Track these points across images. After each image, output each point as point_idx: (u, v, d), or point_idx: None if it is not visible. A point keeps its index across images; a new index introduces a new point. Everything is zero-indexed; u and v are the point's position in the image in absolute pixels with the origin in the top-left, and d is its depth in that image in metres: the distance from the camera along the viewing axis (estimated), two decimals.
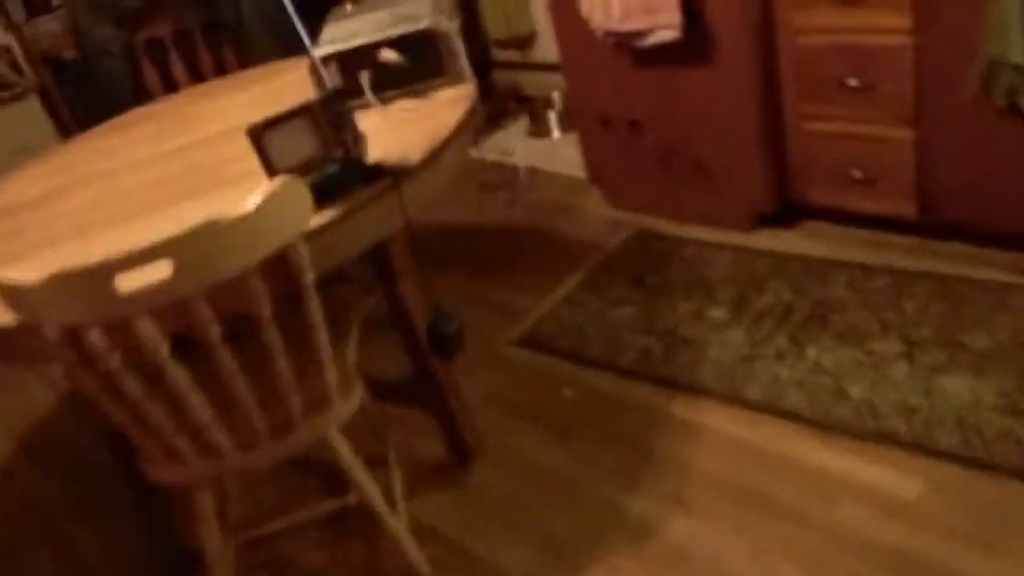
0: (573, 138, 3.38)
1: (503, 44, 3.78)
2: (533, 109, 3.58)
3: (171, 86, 2.62)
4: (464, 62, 1.78)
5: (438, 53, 1.77)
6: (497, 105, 3.76)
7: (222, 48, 2.59)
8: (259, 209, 1.28)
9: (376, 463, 1.94)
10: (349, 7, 1.94)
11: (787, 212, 2.45)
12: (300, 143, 1.43)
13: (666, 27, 2.22)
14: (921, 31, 1.95)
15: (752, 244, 2.42)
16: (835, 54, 2.11)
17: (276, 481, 2.06)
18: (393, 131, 1.70)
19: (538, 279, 2.57)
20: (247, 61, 2.54)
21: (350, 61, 1.79)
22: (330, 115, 1.43)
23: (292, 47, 2.47)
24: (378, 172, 1.50)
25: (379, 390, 1.95)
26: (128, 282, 1.27)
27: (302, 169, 1.43)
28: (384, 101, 1.81)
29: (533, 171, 3.26)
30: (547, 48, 3.61)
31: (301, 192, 1.36)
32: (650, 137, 2.55)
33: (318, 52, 1.79)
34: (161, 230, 1.23)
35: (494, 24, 3.72)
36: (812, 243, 2.36)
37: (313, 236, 1.41)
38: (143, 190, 1.77)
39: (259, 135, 1.42)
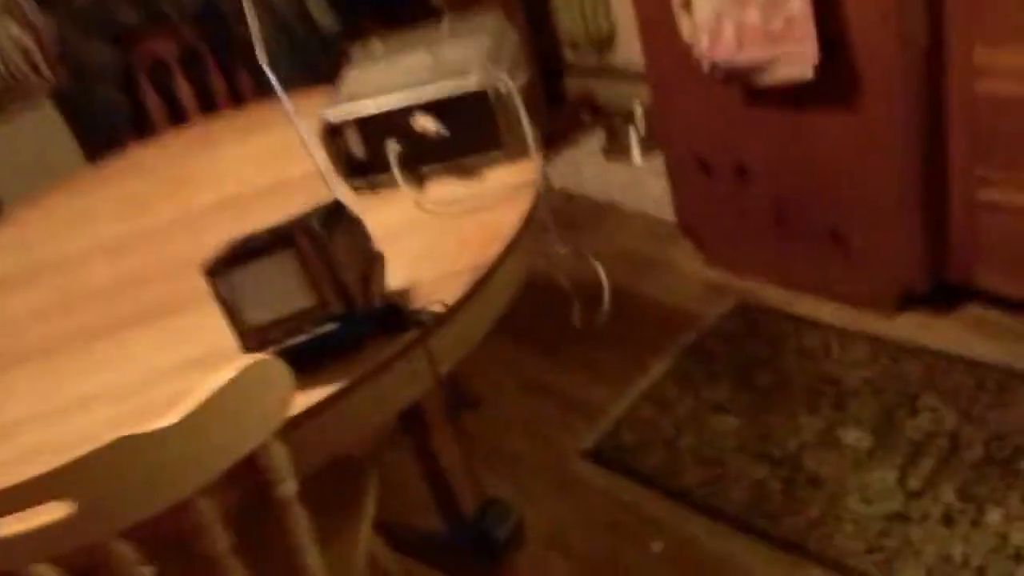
0: (658, 164, 2.85)
1: (577, 46, 3.25)
2: (611, 125, 3.05)
3: (177, 113, 2.17)
4: (528, 131, 1.28)
5: (493, 120, 1.27)
6: (568, 117, 3.25)
7: (236, 70, 2.13)
8: (194, 418, 0.83)
9: None
10: (378, 46, 1.45)
11: (942, 292, 1.90)
12: (280, 288, 0.96)
13: (797, 60, 1.68)
14: None
15: (897, 334, 1.89)
16: None
17: None
18: (425, 232, 1.22)
19: (616, 361, 2.07)
20: (265, 87, 2.08)
21: (373, 126, 1.31)
22: (325, 245, 0.95)
23: (319, 74, 2.00)
24: (398, 321, 1.03)
25: (404, 543, 1.50)
26: (10, 524, 0.83)
27: (283, 327, 0.97)
28: (418, 180, 1.33)
29: (610, 207, 2.75)
30: (629, 52, 3.08)
31: (271, 375, 0.90)
32: (763, 189, 2.02)
33: (329, 116, 1.31)
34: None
35: (568, 22, 3.19)
36: (979, 340, 1.82)
37: (296, 425, 0.95)
38: (99, 298, 1.32)
39: (218, 278, 0.95)
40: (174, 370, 1.09)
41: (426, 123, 1.26)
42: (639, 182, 2.83)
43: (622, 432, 1.87)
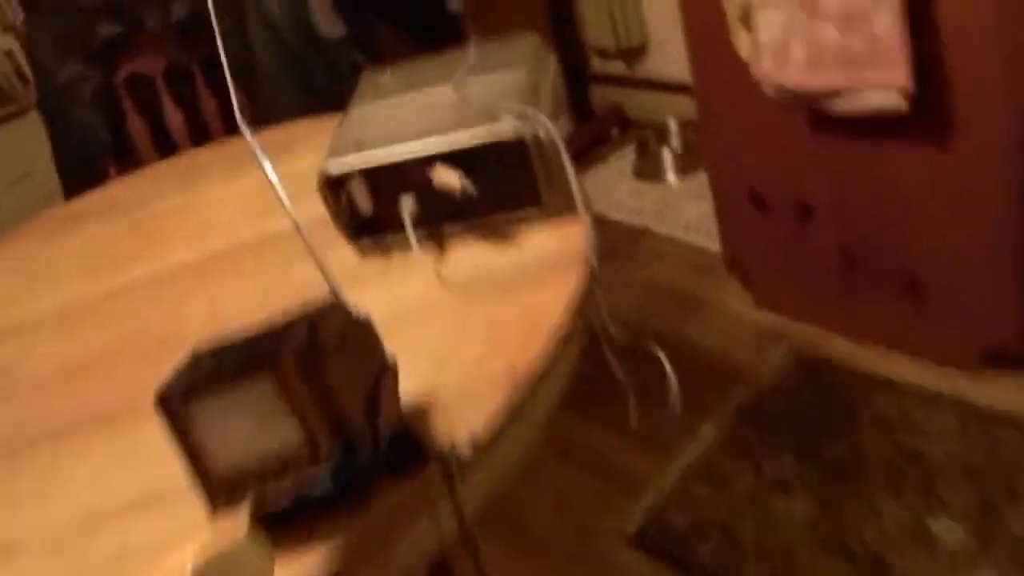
0: (696, 185, 2.61)
1: (606, 54, 2.99)
2: (642, 142, 2.80)
3: (163, 138, 1.94)
4: (575, 185, 1.04)
5: (531, 172, 1.03)
6: (595, 132, 2.99)
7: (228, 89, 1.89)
8: None
9: None
10: (390, 77, 1.20)
11: None
12: (258, 426, 0.72)
13: (883, 88, 1.43)
14: None
15: (987, 401, 1.63)
16: None
17: None
18: (446, 316, 0.98)
19: (659, 421, 1.82)
20: (263, 112, 1.84)
21: (384, 179, 1.07)
22: (317, 369, 0.71)
23: (319, 98, 1.76)
24: (415, 457, 0.78)
25: None
26: None
27: (261, 477, 0.72)
28: (438, 243, 1.09)
29: (643, 233, 2.50)
30: (663, 60, 2.83)
31: (242, 562, 0.66)
32: (829, 230, 1.77)
33: (330, 168, 1.07)
34: None
35: (597, 30, 2.94)
36: None
37: None
38: (43, 391, 1.08)
39: (177, 410, 0.71)
40: (124, 511, 0.84)
41: (448, 178, 1.02)
42: (674, 205, 2.58)
43: (670, 513, 1.62)
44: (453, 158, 1.02)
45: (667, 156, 2.72)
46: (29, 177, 3.12)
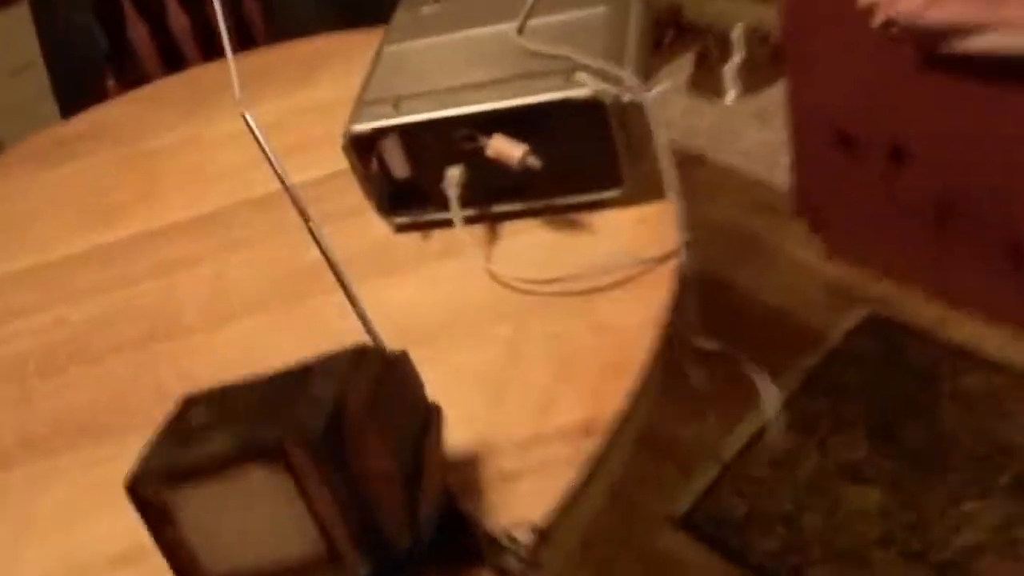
0: (760, 106, 2.36)
1: None
2: (702, 54, 2.53)
3: (169, 50, 1.71)
4: (667, 163, 0.83)
5: (610, 144, 0.82)
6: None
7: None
8: None
9: None
10: (432, 7, 0.98)
11: None
12: (260, 523, 0.54)
13: (1019, 28, 1.18)
14: None
15: None
16: None
17: None
18: (499, 328, 0.78)
19: (712, 386, 1.65)
20: (279, 24, 1.61)
21: (424, 141, 0.86)
22: (338, 459, 0.53)
23: (348, 12, 1.53)
24: (465, 546, 0.61)
25: None
26: None
27: None
28: (488, 228, 0.89)
29: (697, 160, 2.27)
30: None
31: None
32: (923, 179, 1.54)
33: (357, 125, 0.86)
34: None
35: None
36: None
37: None
38: (13, 386, 0.91)
39: (155, 499, 0.54)
40: (106, 568, 0.69)
41: (507, 148, 0.81)
42: (734, 129, 2.34)
43: (724, 495, 1.47)
44: (514, 122, 0.81)
45: (728, 71, 2.45)
46: (32, 68, 2.90)
